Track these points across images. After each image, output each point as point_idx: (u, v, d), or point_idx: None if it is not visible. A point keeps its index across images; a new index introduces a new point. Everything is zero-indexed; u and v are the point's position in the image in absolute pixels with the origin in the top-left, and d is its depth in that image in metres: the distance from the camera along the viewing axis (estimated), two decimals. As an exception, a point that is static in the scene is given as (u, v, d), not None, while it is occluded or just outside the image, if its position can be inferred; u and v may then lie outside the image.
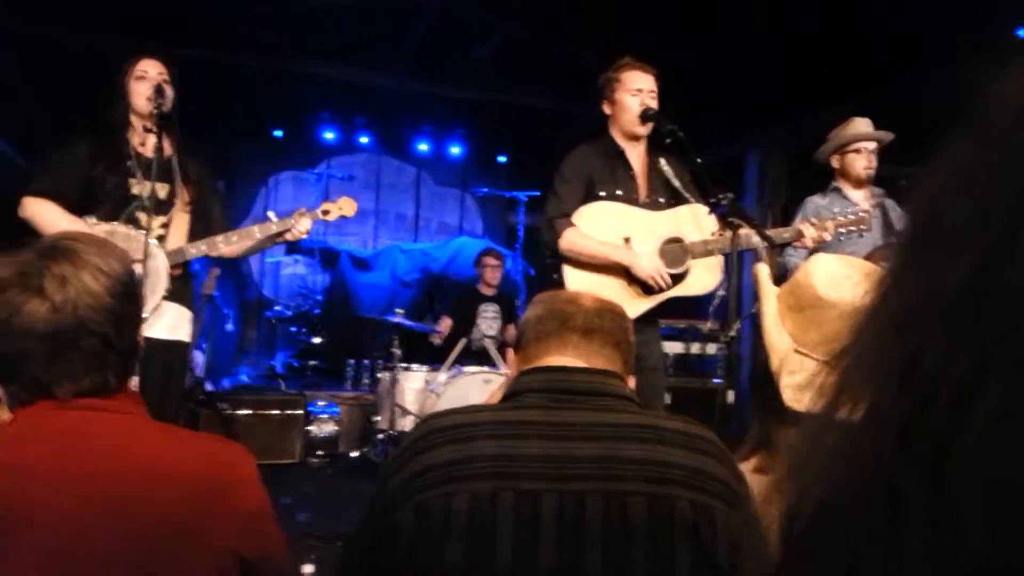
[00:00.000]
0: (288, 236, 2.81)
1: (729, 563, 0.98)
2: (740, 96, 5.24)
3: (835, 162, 3.37)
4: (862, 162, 3.29)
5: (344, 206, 2.99)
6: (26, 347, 1.02)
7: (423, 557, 0.97)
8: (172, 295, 2.61)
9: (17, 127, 5.29)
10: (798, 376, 1.21)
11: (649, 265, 2.71)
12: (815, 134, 3.59)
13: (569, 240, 2.74)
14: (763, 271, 1.41)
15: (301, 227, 2.80)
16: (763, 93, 5.12)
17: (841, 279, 1.27)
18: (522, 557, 0.95)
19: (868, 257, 2.95)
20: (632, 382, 1.23)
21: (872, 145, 3.32)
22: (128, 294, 1.10)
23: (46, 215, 2.55)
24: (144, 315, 2.20)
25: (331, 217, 2.95)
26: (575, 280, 2.76)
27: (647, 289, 2.76)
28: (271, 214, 2.87)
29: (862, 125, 3.36)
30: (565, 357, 1.16)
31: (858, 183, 3.31)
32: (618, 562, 0.96)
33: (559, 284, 2.76)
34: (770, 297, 1.33)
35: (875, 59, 4.37)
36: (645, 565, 0.96)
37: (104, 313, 1.05)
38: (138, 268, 2.07)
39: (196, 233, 2.74)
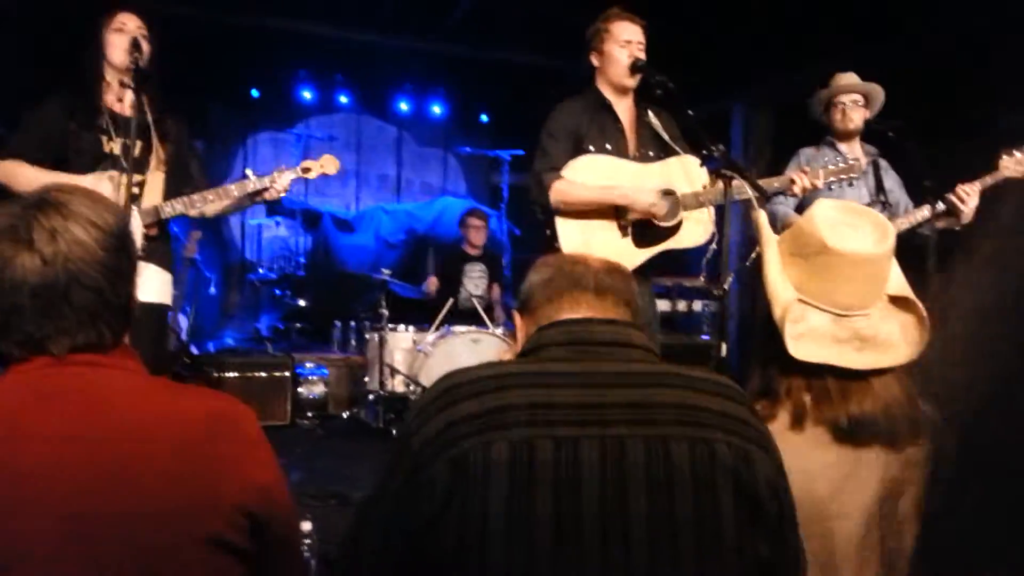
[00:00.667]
0: (267, 195, 2.75)
1: (768, 505, 0.99)
2: (725, 51, 5.19)
3: (825, 118, 3.40)
4: (844, 115, 3.30)
5: (326, 164, 2.92)
6: (17, 301, 1.00)
7: (462, 509, 0.95)
8: (148, 255, 2.55)
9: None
10: (801, 325, 1.22)
11: (646, 199, 2.69)
12: (801, 89, 3.57)
13: (559, 191, 2.70)
14: (763, 218, 1.40)
15: (280, 184, 2.74)
16: (748, 48, 5.08)
17: (843, 226, 1.27)
18: (565, 503, 0.95)
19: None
20: None
21: (853, 97, 3.32)
22: (121, 247, 1.07)
23: (18, 175, 2.50)
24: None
25: (312, 175, 2.88)
26: (568, 234, 2.74)
27: (641, 241, 2.75)
28: (249, 172, 2.80)
29: (845, 79, 3.36)
30: (579, 315, 1.15)
31: (843, 136, 3.32)
32: (663, 505, 0.96)
33: (551, 240, 2.73)
34: (772, 245, 1.33)
35: (862, 12, 4.33)
36: (691, 507, 0.96)
37: (96, 266, 1.03)
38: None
39: (172, 193, 2.67)
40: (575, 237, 2.73)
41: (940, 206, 3.19)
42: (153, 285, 2.62)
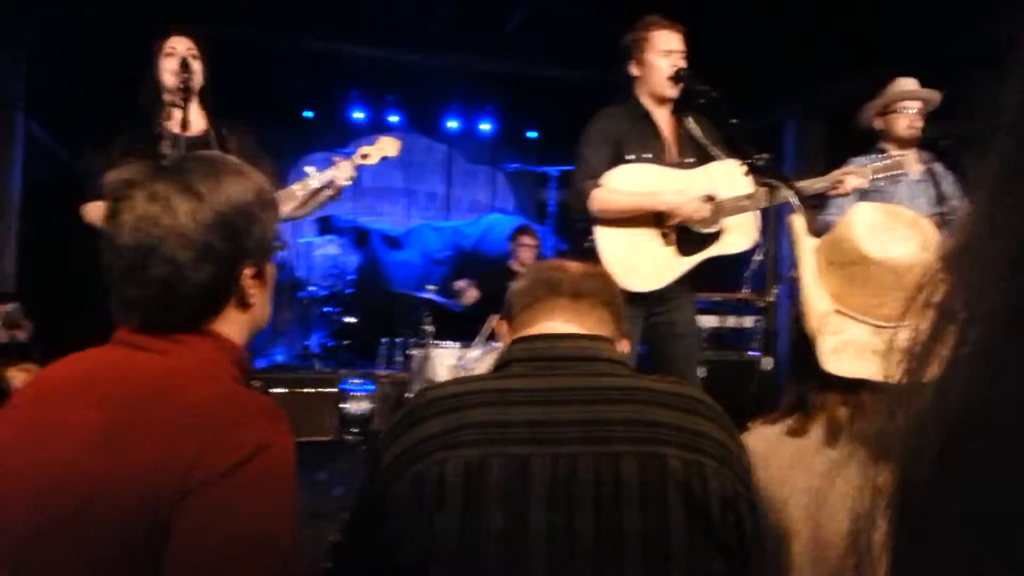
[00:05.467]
0: (335, 186, 2.75)
1: (723, 519, 0.97)
2: (777, 62, 5.08)
3: (878, 123, 3.26)
4: (904, 122, 3.16)
5: (386, 146, 2.86)
6: (111, 260, 1.01)
7: (418, 526, 0.97)
8: None
9: (55, 116, 5.36)
10: (837, 337, 1.15)
11: (689, 202, 2.62)
12: (853, 100, 3.45)
13: (599, 199, 2.66)
14: (799, 223, 1.33)
15: (344, 174, 2.74)
16: (800, 59, 4.96)
17: (882, 231, 1.19)
18: (514, 521, 0.96)
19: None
20: (625, 345, 1.22)
21: (916, 105, 3.18)
22: (223, 227, 1.00)
23: (96, 213, 2.62)
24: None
25: (372, 160, 2.84)
26: (608, 245, 2.69)
27: (685, 249, 2.69)
28: (309, 169, 2.82)
29: (905, 84, 3.23)
30: (555, 322, 1.15)
31: (902, 144, 3.19)
32: (611, 520, 0.95)
33: (591, 251, 2.70)
34: (808, 252, 1.26)
35: (915, 19, 4.19)
36: (639, 521, 0.95)
37: (181, 238, 0.98)
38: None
39: None
40: (617, 248, 2.69)
41: None
42: None
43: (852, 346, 1.14)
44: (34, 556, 0.90)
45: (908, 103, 3.18)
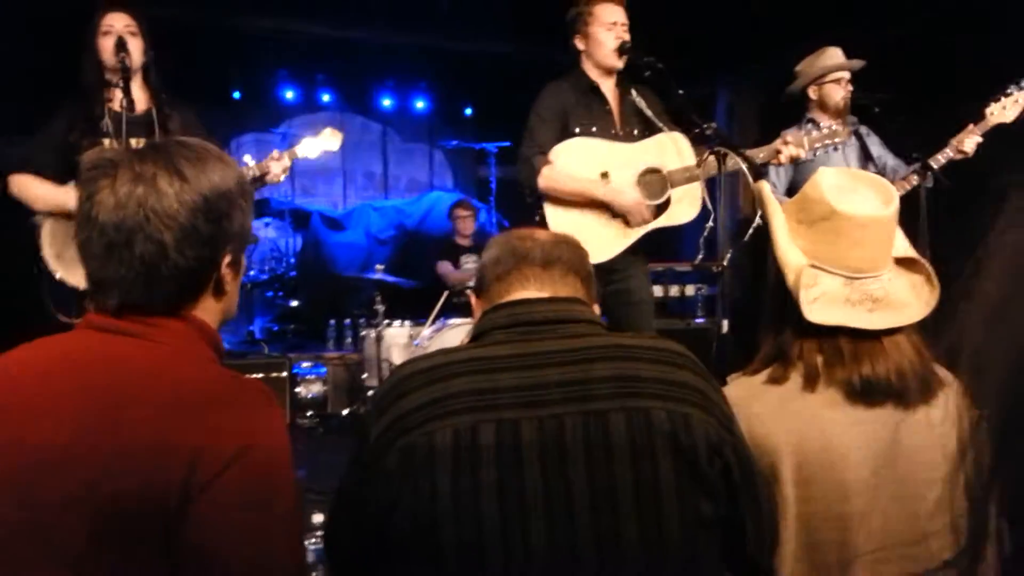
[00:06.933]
0: (268, 179, 2.80)
1: (710, 465, 1.02)
2: (709, 34, 5.20)
3: (812, 93, 3.38)
4: (840, 92, 3.30)
5: (327, 138, 2.91)
6: (88, 236, 0.99)
7: (413, 495, 0.99)
8: None
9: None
10: (814, 289, 1.23)
11: (629, 198, 2.72)
12: (785, 72, 3.58)
13: (548, 178, 2.73)
14: (767, 188, 1.41)
15: (280, 166, 2.78)
16: (733, 31, 5.09)
17: (847, 190, 1.28)
18: (507, 483, 0.99)
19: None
20: (596, 310, 1.25)
21: (848, 75, 3.33)
22: (208, 211, 1.01)
23: (27, 189, 2.58)
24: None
25: (312, 154, 2.89)
26: (557, 219, 2.76)
27: (630, 222, 2.77)
28: (247, 158, 2.83)
29: (837, 56, 3.36)
30: (527, 291, 1.18)
31: (836, 113, 3.33)
32: (603, 478, 0.99)
33: (542, 224, 2.75)
34: (778, 214, 1.34)
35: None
36: (630, 477, 0.99)
37: (167, 219, 0.98)
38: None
39: None
40: (565, 220, 2.75)
41: (929, 178, 3.19)
42: None
43: (828, 296, 1.23)
44: (31, 543, 0.88)
45: (845, 73, 3.32)
